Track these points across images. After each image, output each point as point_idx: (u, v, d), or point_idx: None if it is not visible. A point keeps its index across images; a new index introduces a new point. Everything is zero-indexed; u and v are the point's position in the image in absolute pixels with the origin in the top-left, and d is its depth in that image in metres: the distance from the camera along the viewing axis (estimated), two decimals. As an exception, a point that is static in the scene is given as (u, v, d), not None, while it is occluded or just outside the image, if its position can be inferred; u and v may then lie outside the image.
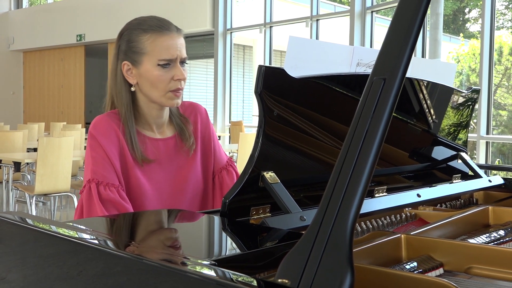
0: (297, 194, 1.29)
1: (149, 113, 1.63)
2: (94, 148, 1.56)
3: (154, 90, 1.57)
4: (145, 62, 1.56)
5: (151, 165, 1.61)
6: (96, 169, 1.54)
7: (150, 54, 1.56)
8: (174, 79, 1.56)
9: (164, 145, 1.65)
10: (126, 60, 1.59)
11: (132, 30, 1.60)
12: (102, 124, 1.58)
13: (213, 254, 1.04)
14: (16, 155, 5.81)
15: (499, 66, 9.44)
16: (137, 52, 1.58)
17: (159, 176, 1.62)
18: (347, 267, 0.68)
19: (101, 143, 1.55)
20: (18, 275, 1.08)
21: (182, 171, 1.66)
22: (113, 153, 1.56)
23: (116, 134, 1.57)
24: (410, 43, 0.76)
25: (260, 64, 1.20)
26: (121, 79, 1.61)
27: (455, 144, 1.91)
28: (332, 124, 1.40)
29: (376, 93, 0.76)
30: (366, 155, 0.73)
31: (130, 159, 1.58)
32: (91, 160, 1.55)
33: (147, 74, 1.56)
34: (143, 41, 1.57)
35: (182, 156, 1.67)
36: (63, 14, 14.78)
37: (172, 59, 1.56)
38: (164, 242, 1.07)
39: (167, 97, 1.58)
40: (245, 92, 13.75)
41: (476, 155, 7.22)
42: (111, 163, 1.54)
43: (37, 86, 16.25)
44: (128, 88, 1.61)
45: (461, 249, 1.18)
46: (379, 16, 9.77)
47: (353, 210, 0.71)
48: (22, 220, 1.12)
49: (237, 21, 11.54)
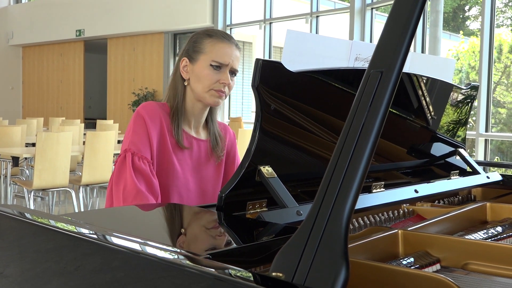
0: (293, 188, 1.28)
1: (192, 110, 1.77)
2: (138, 123, 1.69)
3: (199, 85, 1.71)
4: (200, 60, 1.71)
5: (185, 156, 1.74)
6: (135, 141, 1.66)
7: (207, 54, 1.71)
8: (220, 82, 1.70)
9: (196, 144, 1.78)
10: (186, 57, 1.75)
11: (200, 34, 1.76)
12: (150, 107, 1.72)
13: (210, 248, 1.03)
14: (14, 150, 5.80)
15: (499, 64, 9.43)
16: (197, 51, 1.73)
17: (189, 169, 1.75)
18: (342, 261, 0.68)
19: (146, 121, 1.68)
20: (15, 269, 1.08)
21: (208, 173, 1.79)
22: (153, 133, 1.68)
23: (160, 119, 1.70)
24: (407, 36, 0.76)
25: (257, 58, 1.19)
26: (178, 74, 1.77)
27: (453, 140, 1.91)
28: (329, 118, 1.40)
29: (373, 86, 0.75)
30: (362, 149, 0.73)
31: (168, 145, 1.71)
32: (132, 133, 1.68)
33: (199, 71, 1.71)
34: (205, 43, 1.73)
35: (210, 161, 1.81)
36: (62, 9, 14.76)
37: (223, 64, 1.70)
38: (161, 237, 1.07)
39: (210, 94, 1.71)
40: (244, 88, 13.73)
41: (475, 152, 7.22)
42: (149, 140, 1.67)
43: (36, 81, 16.24)
44: (182, 82, 1.76)
45: (458, 245, 1.18)
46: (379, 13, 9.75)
47: (349, 204, 0.71)
48: (20, 214, 1.12)
49: (237, 17, 11.52)
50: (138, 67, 13.34)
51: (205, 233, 1.16)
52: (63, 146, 5.13)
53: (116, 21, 13.19)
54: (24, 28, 15.81)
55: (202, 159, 1.78)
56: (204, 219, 1.23)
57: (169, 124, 1.72)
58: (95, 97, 16.21)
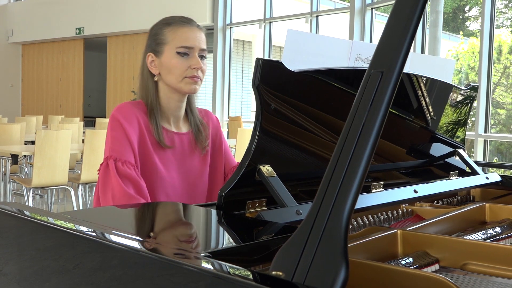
0: (293, 188, 1.28)
1: (168, 105, 1.71)
2: (115, 128, 1.64)
3: (171, 76, 1.66)
4: (166, 51, 1.67)
5: (166, 154, 1.69)
6: (115, 147, 1.61)
7: (170, 43, 1.66)
8: (191, 67, 1.65)
9: (178, 139, 1.73)
10: (151, 52, 1.70)
11: (158, 26, 1.72)
12: (125, 109, 1.67)
13: (209, 246, 1.03)
14: (13, 148, 5.80)
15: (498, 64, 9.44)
16: (159, 43, 1.68)
17: (173, 167, 1.70)
18: (342, 260, 0.68)
19: (123, 124, 1.63)
20: (14, 267, 1.08)
21: (193, 167, 1.74)
22: (132, 135, 1.63)
23: (137, 120, 1.66)
24: (408, 36, 0.76)
25: (258, 57, 1.19)
26: (147, 71, 1.72)
27: (452, 141, 1.91)
28: (329, 118, 1.40)
29: (373, 86, 0.76)
30: (362, 149, 0.73)
31: (149, 145, 1.66)
32: (110, 139, 1.63)
33: (167, 62, 1.67)
34: (165, 33, 1.68)
35: (194, 154, 1.75)
36: (62, 7, 14.74)
37: (189, 47, 1.65)
38: (160, 235, 1.07)
39: (184, 82, 1.66)
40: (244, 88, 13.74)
41: (474, 153, 7.22)
42: (129, 143, 1.62)
43: (35, 79, 16.22)
44: (152, 79, 1.71)
45: (457, 245, 1.18)
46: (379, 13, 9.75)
47: (349, 203, 0.71)
48: (19, 211, 1.12)
49: (237, 16, 11.51)
50: (137, 66, 13.28)
51: (204, 231, 1.16)
52: (62, 144, 5.13)
53: (116, 20, 13.18)
54: (24, 25, 15.80)
55: (186, 153, 1.73)
56: (203, 218, 1.23)
57: (147, 123, 1.67)
58: (95, 95, 16.20)
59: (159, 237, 1.05)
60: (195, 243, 1.04)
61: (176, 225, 1.18)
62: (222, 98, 11.51)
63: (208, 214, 1.23)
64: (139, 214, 1.30)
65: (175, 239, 1.04)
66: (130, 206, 1.47)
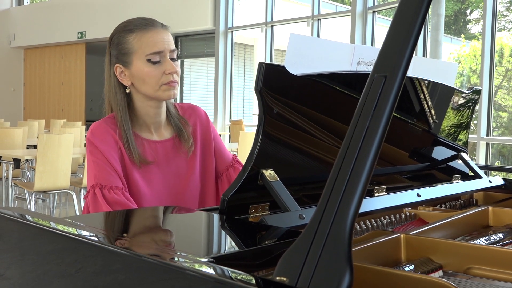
0: (296, 192, 1.28)
1: (146, 113, 1.63)
2: (94, 153, 1.58)
3: (146, 86, 1.58)
4: (134, 61, 1.58)
5: (149, 167, 1.62)
6: (98, 174, 1.55)
7: (138, 51, 1.57)
8: (166, 73, 1.57)
9: (162, 147, 1.65)
10: (118, 63, 1.61)
11: (120, 33, 1.63)
12: (99, 130, 1.60)
13: (212, 251, 1.03)
14: (16, 152, 5.80)
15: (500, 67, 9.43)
16: (126, 53, 1.59)
17: (158, 178, 1.63)
18: (346, 265, 0.68)
19: (100, 148, 1.57)
20: (16, 271, 1.07)
21: (181, 173, 1.67)
22: (112, 156, 1.57)
23: (114, 138, 1.59)
24: (411, 40, 0.76)
25: (260, 61, 1.19)
26: (115, 83, 1.63)
27: (455, 144, 1.91)
28: (332, 122, 1.40)
29: (377, 91, 0.75)
30: (366, 153, 0.73)
31: (128, 162, 1.59)
32: (92, 165, 1.57)
33: (138, 72, 1.58)
34: (130, 41, 1.59)
35: (181, 158, 1.68)
36: (64, 11, 14.78)
37: (159, 52, 1.57)
38: (163, 240, 1.06)
39: (162, 90, 1.58)
40: (245, 91, 13.75)
41: (476, 156, 7.22)
42: (112, 166, 1.56)
43: (37, 83, 16.25)
44: (122, 91, 1.62)
45: (461, 250, 1.18)
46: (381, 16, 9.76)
47: (353, 208, 0.71)
48: (21, 216, 1.11)
49: (238, 20, 11.53)
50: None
51: (207, 236, 1.15)
52: (64, 148, 5.13)
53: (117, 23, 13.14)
54: (26, 30, 15.83)
55: (171, 160, 1.65)
56: (206, 222, 1.23)
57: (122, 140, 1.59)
58: (96, 99, 16.14)
59: (161, 241, 1.04)
60: (198, 248, 1.03)
61: (178, 229, 1.18)
62: (223, 101, 11.51)
63: (211, 219, 1.23)
64: (141, 218, 1.30)
65: (177, 243, 1.04)
66: (132, 210, 1.46)
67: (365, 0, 8.84)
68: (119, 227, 1.20)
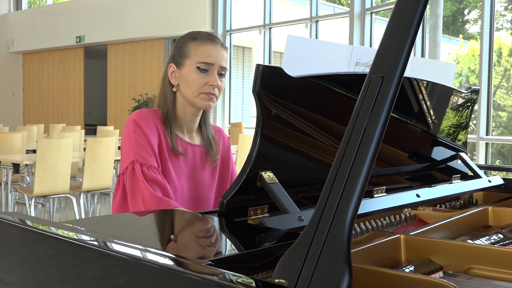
0: (295, 194, 1.28)
1: (183, 116, 1.75)
2: (138, 132, 1.67)
3: (188, 90, 1.70)
4: (187, 64, 1.70)
5: (180, 163, 1.72)
6: (139, 152, 1.64)
7: (193, 57, 1.69)
8: (209, 84, 1.68)
9: (191, 149, 1.76)
10: (173, 63, 1.74)
11: (184, 38, 1.75)
12: (145, 115, 1.71)
13: (211, 254, 1.03)
14: (15, 157, 5.80)
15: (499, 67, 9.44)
16: (182, 56, 1.72)
17: (184, 176, 1.73)
18: (345, 267, 0.68)
19: (144, 129, 1.66)
20: (17, 276, 1.07)
21: (203, 179, 1.77)
22: (153, 140, 1.67)
23: (156, 126, 1.69)
24: (408, 40, 0.76)
25: (258, 63, 1.19)
26: (167, 80, 1.76)
27: (454, 144, 1.91)
28: (330, 124, 1.40)
29: (374, 91, 0.75)
30: (364, 154, 0.73)
31: (165, 152, 1.69)
32: (134, 143, 1.65)
33: (186, 75, 1.70)
34: (190, 46, 1.71)
35: (205, 166, 1.79)
36: (62, 15, 14.79)
37: (210, 64, 1.68)
38: (162, 243, 1.06)
39: (200, 98, 1.69)
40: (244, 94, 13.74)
41: (475, 156, 7.22)
42: (151, 148, 1.65)
43: (36, 88, 16.25)
44: (171, 88, 1.75)
45: (461, 250, 1.17)
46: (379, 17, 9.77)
47: (351, 209, 0.71)
48: (21, 221, 1.11)
49: (237, 22, 11.54)
50: (138, 73, 13.35)
51: (206, 239, 1.15)
52: (63, 153, 5.13)
53: (116, 28, 13.21)
54: (24, 35, 15.84)
55: (197, 164, 1.77)
56: (206, 226, 1.23)
57: (164, 130, 1.71)
58: (96, 103, 16.21)
59: (161, 245, 1.04)
60: (197, 251, 1.03)
61: (178, 233, 1.17)
62: (222, 104, 11.52)
63: (210, 222, 1.23)
64: (139, 222, 1.30)
65: (177, 247, 1.03)
66: (131, 214, 1.46)
67: (363, 1, 8.85)
68: (119, 231, 1.20)
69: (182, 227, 1.24)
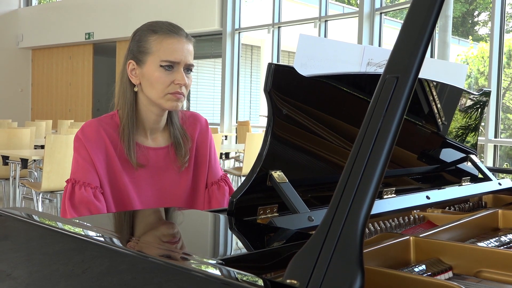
0: (305, 194, 1.27)
1: (146, 117, 1.61)
2: (79, 150, 1.57)
3: (152, 90, 1.55)
4: (149, 62, 1.55)
5: (139, 173, 1.60)
6: (76, 170, 1.55)
7: (155, 54, 1.54)
8: (175, 83, 1.54)
9: (154, 154, 1.62)
10: (132, 59, 1.59)
11: (143, 31, 1.59)
12: (90, 129, 1.58)
13: (220, 253, 1.03)
14: (23, 152, 5.82)
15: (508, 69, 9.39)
16: (143, 52, 1.56)
17: (146, 185, 1.61)
18: (358, 268, 0.67)
19: (86, 146, 1.56)
20: (23, 271, 1.07)
21: (171, 183, 1.64)
22: (97, 157, 1.55)
23: (103, 140, 1.57)
24: (424, 41, 0.75)
25: (269, 62, 1.18)
26: (126, 78, 1.60)
27: (464, 146, 1.89)
28: (341, 124, 1.39)
29: (388, 92, 0.74)
30: (377, 155, 0.72)
31: (118, 166, 1.57)
32: (73, 162, 1.57)
33: (149, 75, 1.55)
34: (151, 41, 1.55)
35: (172, 170, 1.65)
36: (72, 12, 14.83)
37: (175, 62, 1.54)
38: (170, 241, 1.06)
39: (166, 99, 1.55)
40: (252, 92, 13.74)
41: (483, 158, 7.19)
42: (93, 165, 1.54)
43: (45, 84, 16.31)
44: (131, 88, 1.60)
45: (471, 253, 1.16)
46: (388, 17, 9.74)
47: (364, 210, 0.70)
48: (28, 216, 1.11)
49: (245, 21, 11.53)
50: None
51: (215, 237, 1.15)
52: (71, 149, 5.12)
53: (125, 24, 13.24)
54: (34, 30, 15.90)
55: (162, 169, 1.63)
56: (214, 224, 1.22)
57: (117, 142, 1.57)
58: (104, 100, 16.26)
59: (168, 242, 1.04)
60: (206, 249, 1.03)
61: (186, 231, 1.17)
62: (230, 103, 11.51)
63: (219, 220, 1.22)
64: (148, 219, 1.29)
65: (185, 244, 1.03)
66: (141, 211, 1.46)
67: (373, 1, 8.82)
68: (126, 228, 1.20)
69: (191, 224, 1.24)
